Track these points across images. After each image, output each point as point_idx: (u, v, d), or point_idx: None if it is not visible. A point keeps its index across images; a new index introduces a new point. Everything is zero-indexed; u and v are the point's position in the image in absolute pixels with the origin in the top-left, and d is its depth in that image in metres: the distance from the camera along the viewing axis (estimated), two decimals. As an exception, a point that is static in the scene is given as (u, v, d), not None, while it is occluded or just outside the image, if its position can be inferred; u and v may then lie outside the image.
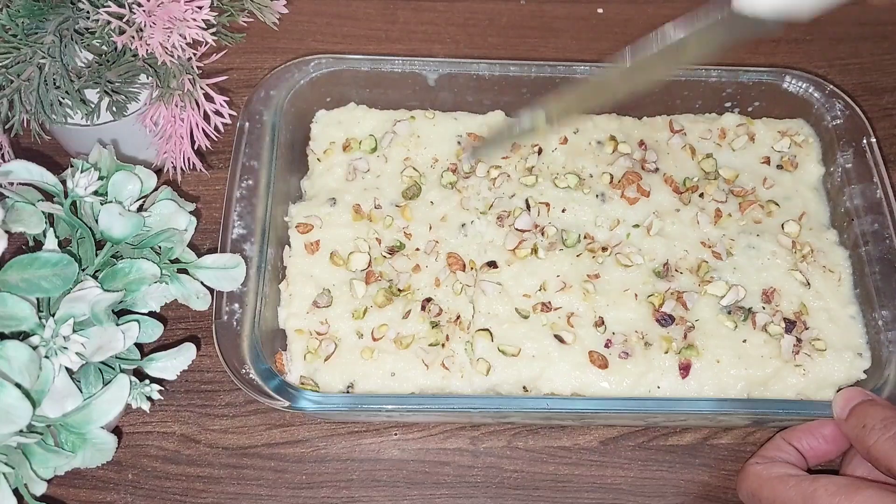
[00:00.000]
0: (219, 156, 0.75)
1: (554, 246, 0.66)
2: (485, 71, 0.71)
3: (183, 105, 0.63)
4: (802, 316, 0.64)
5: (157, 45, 0.57)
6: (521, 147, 0.71)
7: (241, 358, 0.57)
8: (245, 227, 0.63)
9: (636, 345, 0.62)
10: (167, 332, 0.66)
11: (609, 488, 0.62)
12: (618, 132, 0.72)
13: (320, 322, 0.62)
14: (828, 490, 0.50)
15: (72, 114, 0.64)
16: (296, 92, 0.70)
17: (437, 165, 0.70)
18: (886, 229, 0.65)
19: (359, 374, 0.60)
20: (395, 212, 0.67)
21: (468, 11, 0.87)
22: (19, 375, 0.48)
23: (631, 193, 0.68)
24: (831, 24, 0.88)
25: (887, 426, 0.52)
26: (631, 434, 0.64)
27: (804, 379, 0.61)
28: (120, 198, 0.58)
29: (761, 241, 0.67)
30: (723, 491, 0.62)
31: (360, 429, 0.63)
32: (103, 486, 0.60)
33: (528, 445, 0.63)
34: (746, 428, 0.64)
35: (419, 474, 0.62)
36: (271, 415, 0.64)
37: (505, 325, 0.62)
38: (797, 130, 0.73)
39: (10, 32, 0.58)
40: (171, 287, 0.57)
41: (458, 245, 0.66)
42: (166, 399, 0.64)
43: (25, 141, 0.68)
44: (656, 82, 0.51)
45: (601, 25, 0.87)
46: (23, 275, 0.51)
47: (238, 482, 0.61)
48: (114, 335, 0.52)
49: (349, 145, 0.71)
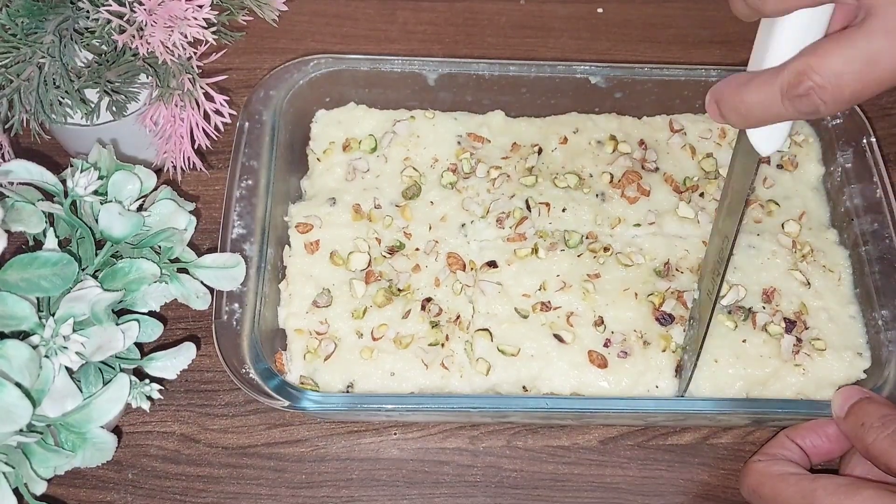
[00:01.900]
0: (218, 156, 0.75)
1: (554, 246, 0.66)
2: (484, 71, 0.71)
3: (183, 105, 0.63)
4: (802, 315, 0.64)
5: (157, 43, 0.57)
6: (521, 147, 0.71)
7: (240, 357, 0.58)
8: (245, 227, 0.63)
9: (635, 344, 0.62)
10: (167, 332, 0.66)
11: (608, 488, 0.62)
12: (618, 132, 0.72)
13: (320, 322, 0.62)
14: (827, 489, 0.50)
15: (71, 113, 0.64)
16: (295, 92, 0.70)
17: (437, 165, 0.70)
18: (886, 229, 0.65)
19: (358, 373, 0.61)
20: (394, 212, 0.67)
21: (468, 11, 0.87)
22: (19, 374, 0.48)
23: (631, 193, 0.68)
24: (831, 23, 0.88)
25: (885, 424, 0.52)
26: (630, 433, 0.64)
27: (804, 378, 0.61)
28: (120, 197, 0.58)
29: (761, 240, 0.67)
30: (722, 490, 0.62)
31: (359, 428, 0.63)
32: (103, 486, 0.60)
33: (528, 445, 0.63)
34: (746, 427, 0.64)
35: (418, 474, 0.62)
36: (271, 414, 0.64)
37: (504, 324, 0.62)
38: (797, 130, 0.73)
39: (9, 32, 0.58)
40: (171, 287, 0.57)
41: (457, 245, 0.66)
42: (166, 399, 0.64)
43: (25, 141, 0.68)
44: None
45: (601, 25, 0.87)
46: (23, 274, 0.51)
47: (238, 482, 0.61)
48: (114, 335, 0.52)
49: (349, 145, 0.71)
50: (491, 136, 0.72)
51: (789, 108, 0.43)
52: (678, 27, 0.87)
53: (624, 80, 0.72)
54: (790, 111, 0.43)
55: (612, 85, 0.72)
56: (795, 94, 0.42)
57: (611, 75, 0.72)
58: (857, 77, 0.41)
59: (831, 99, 0.42)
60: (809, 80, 0.41)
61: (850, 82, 0.41)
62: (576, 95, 0.73)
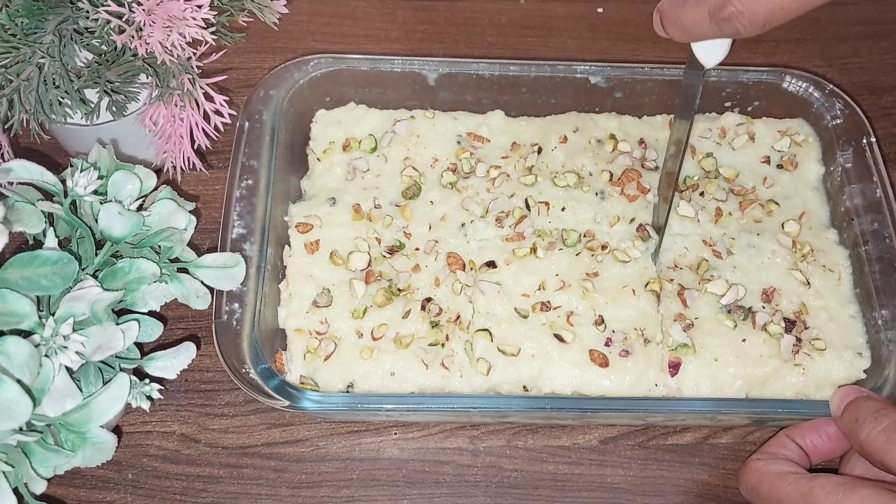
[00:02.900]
0: (218, 155, 0.75)
1: (553, 245, 0.66)
2: (484, 70, 0.72)
3: (183, 105, 0.63)
4: (802, 315, 0.64)
5: (156, 44, 0.57)
6: (521, 146, 0.71)
7: (240, 357, 0.58)
8: (245, 227, 0.63)
9: (636, 342, 0.62)
10: (167, 332, 0.66)
11: (609, 487, 0.62)
12: (617, 131, 0.72)
13: (320, 322, 0.62)
14: (825, 488, 0.50)
15: (71, 113, 0.64)
16: (295, 91, 0.70)
17: (437, 165, 0.70)
18: (886, 228, 0.65)
19: (358, 373, 0.61)
20: (394, 211, 0.67)
21: (468, 11, 0.87)
22: (19, 371, 0.48)
23: (630, 191, 0.68)
24: (831, 23, 0.88)
25: (878, 418, 0.52)
26: (631, 433, 0.64)
27: (804, 378, 0.61)
28: (119, 197, 0.58)
29: (761, 240, 0.67)
30: (722, 490, 0.62)
31: (359, 428, 0.63)
32: (103, 486, 0.60)
33: (528, 445, 0.63)
34: (746, 427, 0.64)
35: (419, 474, 0.62)
36: (271, 414, 0.64)
37: (504, 324, 0.62)
38: (797, 130, 0.73)
39: (9, 32, 0.58)
40: (171, 286, 0.57)
41: (457, 245, 0.66)
42: (166, 398, 0.64)
43: (25, 140, 0.68)
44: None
45: (601, 25, 0.87)
46: (23, 273, 0.51)
47: (238, 482, 0.61)
48: (114, 334, 0.52)
49: (349, 145, 0.71)
50: (491, 135, 0.72)
51: (715, 28, 0.49)
52: (678, 27, 0.87)
53: (624, 79, 0.72)
54: (716, 30, 0.49)
55: (612, 84, 0.72)
56: (720, 17, 0.48)
57: (611, 75, 0.72)
58: (767, 5, 0.47)
59: (748, 23, 0.48)
60: (731, 6, 0.47)
61: (762, 10, 0.47)
62: (576, 95, 0.73)
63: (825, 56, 0.86)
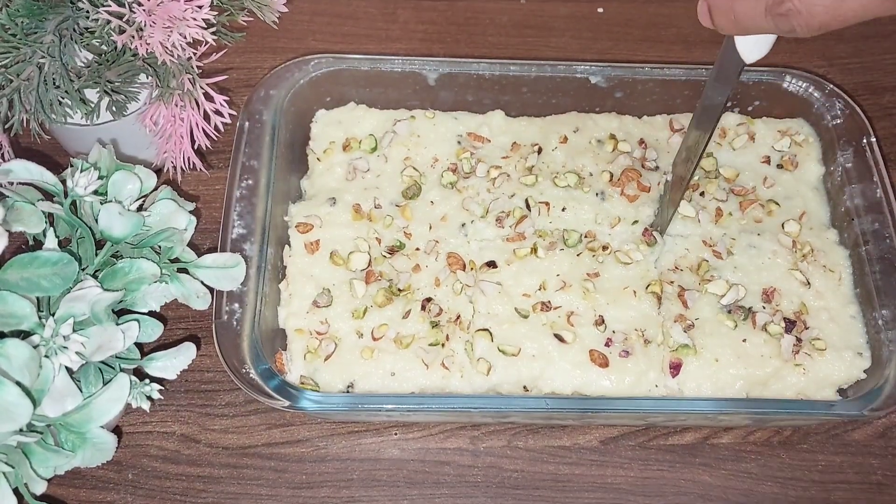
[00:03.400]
0: (219, 155, 0.75)
1: (554, 245, 0.65)
2: (485, 70, 0.71)
3: (183, 105, 0.63)
4: (802, 315, 0.64)
5: (157, 44, 0.57)
6: (521, 146, 0.71)
7: (241, 358, 0.57)
8: (245, 227, 0.63)
9: (636, 343, 0.62)
10: (167, 332, 0.66)
11: (609, 488, 0.62)
12: (618, 131, 0.72)
13: (320, 322, 0.62)
14: None
15: (71, 113, 0.64)
16: (296, 91, 0.70)
17: (438, 165, 0.70)
18: (886, 228, 0.65)
19: (359, 373, 0.60)
20: (395, 211, 0.67)
21: (468, 11, 0.87)
22: (19, 373, 0.48)
23: (631, 191, 0.68)
24: (831, 23, 0.88)
25: None
26: (631, 434, 0.64)
27: (804, 378, 0.61)
28: (120, 197, 0.58)
29: (762, 240, 0.67)
30: (723, 490, 0.62)
31: (360, 428, 0.63)
32: (103, 486, 0.60)
33: (529, 445, 0.63)
34: (746, 427, 0.64)
35: (419, 474, 0.62)
36: (271, 414, 0.64)
37: (505, 324, 0.62)
38: (797, 130, 0.73)
39: (9, 32, 0.58)
40: (171, 286, 0.57)
41: (458, 245, 0.66)
42: (166, 399, 0.64)
43: (25, 140, 0.68)
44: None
45: (601, 25, 0.87)
46: (23, 273, 0.51)
47: (238, 482, 0.61)
48: (114, 335, 0.52)
49: (349, 145, 0.71)
50: (491, 135, 0.72)
51: (770, 23, 0.48)
52: (679, 27, 0.87)
53: (624, 79, 0.72)
54: (771, 26, 0.48)
55: (612, 84, 0.72)
56: (777, 12, 0.47)
57: (611, 75, 0.72)
58: (826, 10, 0.46)
59: (804, 23, 0.46)
60: (791, 3, 0.46)
61: (820, 13, 0.46)
62: (576, 95, 0.73)
63: (826, 56, 0.86)
